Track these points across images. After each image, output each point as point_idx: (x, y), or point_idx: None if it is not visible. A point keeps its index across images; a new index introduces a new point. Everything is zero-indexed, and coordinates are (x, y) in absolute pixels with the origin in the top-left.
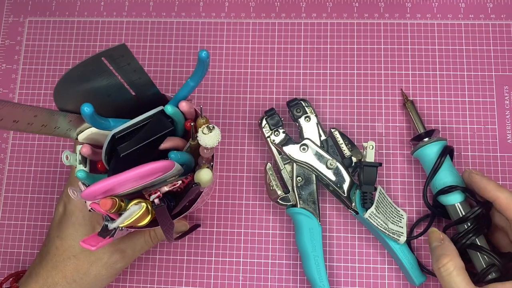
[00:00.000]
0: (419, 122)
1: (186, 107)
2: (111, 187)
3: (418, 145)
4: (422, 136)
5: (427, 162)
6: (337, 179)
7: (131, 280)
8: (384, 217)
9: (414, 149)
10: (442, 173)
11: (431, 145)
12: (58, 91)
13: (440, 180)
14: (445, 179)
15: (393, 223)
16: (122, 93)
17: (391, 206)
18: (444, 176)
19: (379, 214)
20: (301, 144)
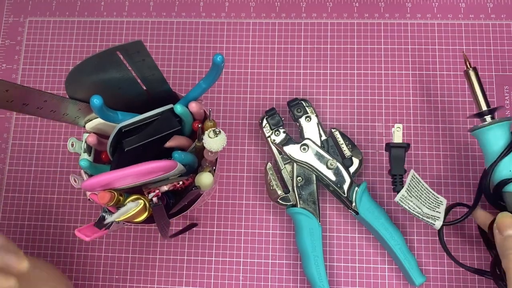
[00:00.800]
0: (482, 96)
1: (195, 108)
2: (111, 181)
3: (480, 125)
4: (484, 113)
5: (489, 145)
6: (337, 179)
7: (131, 280)
8: (419, 201)
9: (475, 127)
10: (508, 160)
11: (496, 126)
12: (70, 79)
13: (504, 168)
14: (509, 169)
15: (429, 208)
16: (133, 87)
17: (427, 192)
18: (510, 164)
19: (411, 198)
20: (302, 144)
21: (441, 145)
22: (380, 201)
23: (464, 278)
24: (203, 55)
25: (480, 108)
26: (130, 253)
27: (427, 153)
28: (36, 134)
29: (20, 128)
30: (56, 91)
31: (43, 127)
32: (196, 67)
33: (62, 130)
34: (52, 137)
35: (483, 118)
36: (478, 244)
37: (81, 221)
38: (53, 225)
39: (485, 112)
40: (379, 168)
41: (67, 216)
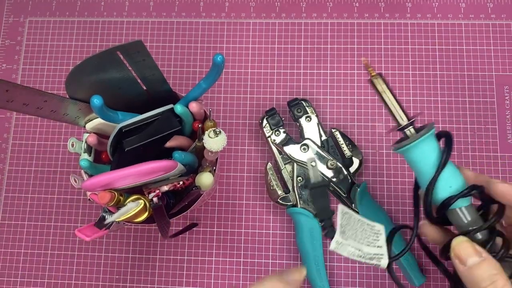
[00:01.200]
0: (398, 106)
1: (195, 108)
2: (111, 181)
3: (403, 143)
4: (404, 127)
5: (419, 163)
6: (338, 179)
7: (131, 280)
8: (356, 240)
9: (398, 146)
10: (447, 175)
11: (422, 141)
12: (70, 79)
13: (444, 185)
14: (451, 182)
15: (368, 244)
16: (133, 87)
17: (362, 224)
18: (450, 179)
19: (347, 240)
20: (302, 144)
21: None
22: (380, 201)
23: None
24: (203, 55)
25: (398, 121)
26: (130, 253)
27: None
28: (36, 134)
29: (20, 128)
30: (56, 91)
31: (43, 127)
32: (196, 67)
33: (62, 130)
34: (52, 137)
35: (403, 132)
36: None
37: (81, 221)
38: (53, 225)
39: (406, 125)
40: (379, 168)
41: (67, 216)
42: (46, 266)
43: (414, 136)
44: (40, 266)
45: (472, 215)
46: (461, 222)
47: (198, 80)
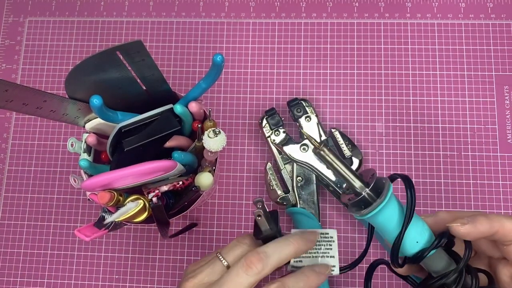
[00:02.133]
0: (348, 170)
1: (195, 108)
2: (111, 181)
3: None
4: (360, 191)
5: (384, 225)
6: (337, 179)
7: (131, 280)
8: (310, 258)
9: (361, 214)
10: (412, 233)
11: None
12: (70, 79)
13: (411, 242)
14: (418, 238)
15: (322, 256)
16: (133, 87)
17: None
18: (416, 236)
19: (301, 258)
20: (302, 144)
21: (441, 145)
22: None
23: None
24: (203, 55)
25: (353, 187)
26: (130, 253)
27: (427, 153)
28: (36, 134)
29: (20, 128)
30: (56, 91)
31: (43, 127)
32: (196, 67)
33: (62, 130)
34: (52, 137)
35: (360, 196)
36: None
37: (80, 221)
38: (53, 225)
39: (361, 188)
40: (379, 168)
41: (66, 216)
42: (46, 266)
43: (376, 203)
44: (40, 266)
45: (444, 259)
46: (435, 268)
47: (197, 80)
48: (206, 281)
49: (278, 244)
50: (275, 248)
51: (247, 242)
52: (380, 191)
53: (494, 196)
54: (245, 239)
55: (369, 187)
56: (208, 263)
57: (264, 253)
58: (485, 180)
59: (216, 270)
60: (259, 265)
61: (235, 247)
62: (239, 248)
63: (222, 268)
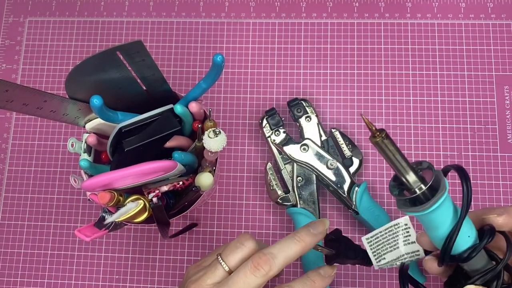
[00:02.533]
0: (405, 164)
1: (195, 108)
2: (111, 181)
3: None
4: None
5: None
6: (338, 179)
7: (131, 280)
8: (391, 251)
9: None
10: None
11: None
12: (70, 79)
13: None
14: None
15: (404, 243)
16: (133, 87)
17: (389, 231)
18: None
19: (384, 260)
20: (302, 144)
21: (441, 145)
22: (380, 201)
23: None
24: (203, 55)
25: (408, 182)
26: (130, 253)
27: (427, 153)
28: (36, 134)
29: (20, 128)
30: (56, 91)
31: (43, 127)
32: (196, 67)
33: (62, 130)
34: (52, 137)
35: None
36: None
37: (81, 221)
38: (53, 225)
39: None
40: (379, 168)
41: (67, 216)
42: (46, 266)
43: (432, 201)
44: (40, 266)
45: (485, 257)
46: (476, 266)
47: (198, 80)
48: (209, 282)
49: (284, 243)
50: (281, 248)
51: (249, 245)
52: (434, 187)
53: (494, 196)
54: (245, 241)
55: (426, 185)
56: (210, 266)
57: (271, 254)
58: (485, 180)
59: (218, 274)
60: (266, 267)
61: (236, 250)
62: (240, 252)
63: (223, 273)
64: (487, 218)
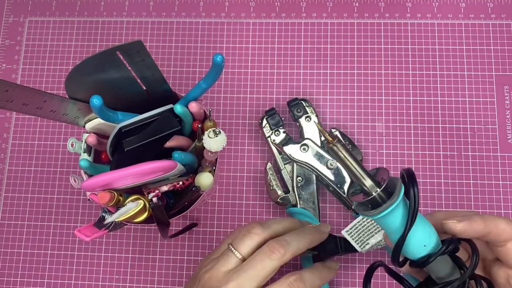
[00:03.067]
0: (360, 168)
1: (195, 108)
2: (111, 181)
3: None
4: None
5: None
6: (337, 179)
7: (131, 280)
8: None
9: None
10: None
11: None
12: (70, 79)
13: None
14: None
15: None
16: (133, 87)
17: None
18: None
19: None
20: (302, 144)
21: (441, 145)
22: None
23: None
24: (203, 55)
25: (363, 186)
26: (130, 253)
27: (427, 153)
28: (36, 134)
29: (20, 128)
30: (56, 91)
31: (43, 127)
32: (196, 67)
33: (62, 130)
34: (52, 137)
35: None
36: None
37: (81, 221)
38: (53, 225)
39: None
40: None
41: (67, 216)
42: (46, 266)
43: (385, 205)
44: (40, 266)
45: (449, 264)
46: (439, 274)
47: (198, 80)
48: (223, 270)
49: (296, 234)
50: (293, 237)
51: (257, 231)
52: (390, 191)
53: (494, 196)
54: (254, 228)
55: (380, 188)
56: (222, 255)
57: (285, 240)
58: (485, 180)
59: (231, 261)
60: (281, 250)
61: (245, 238)
62: (249, 239)
63: (236, 260)
64: (446, 223)
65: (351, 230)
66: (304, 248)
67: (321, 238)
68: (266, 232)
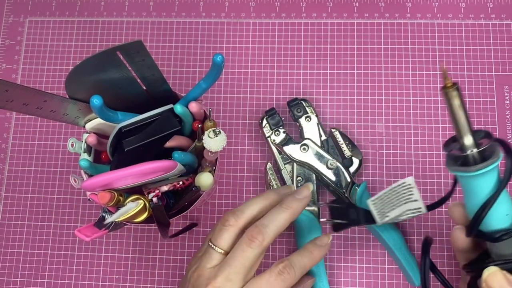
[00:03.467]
0: (466, 123)
1: (195, 108)
2: (111, 181)
3: (464, 169)
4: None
5: (477, 192)
6: (337, 179)
7: (131, 280)
8: (394, 209)
9: (457, 169)
10: (504, 204)
11: (486, 173)
12: (70, 79)
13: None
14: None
15: (405, 202)
16: (133, 87)
17: (393, 191)
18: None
19: (387, 212)
20: (302, 144)
21: (441, 145)
22: None
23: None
24: (203, 55)
25: (462, 142)
26: (130, 253)
27: (427, 153)
28: (36, 134)
29: (20, 128)
30: (56, 91)
31: (43, 127)
32: (196, 67)
33: (62, 130)
34: (52, 137)
35: (465, 153)
36: None
37: (81, 221)
38: (53, 225)
39: (470, 147)
40: (379, 168)
41: (67, 216)
42: (46, 266)
43: (481, 165)
44: (40, 266)
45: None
46: (504, 252)
47: (198, 80)
48: (208, 266)
49: (273, 213)
50: (271, 218)
51: (231, 223)
52: (487, 155)
53: None
54: (227, 220)
55: (478, 149)
56: (205, 253)
57: (262, 225)
58: None
59: (214, 257)
60: (260, 237)
61: (222, 232)
62: (226, 232)
63: (218, 255)
64: None
65: (376, 201)
66: (285, 225)
67: (302, 206)
68: (240, 220)
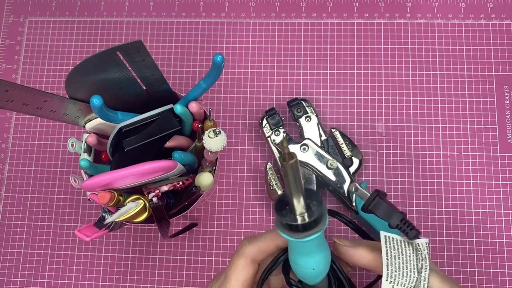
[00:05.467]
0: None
1: (195, 108)
2: (111, 181)
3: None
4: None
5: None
6: (338, 179)
7: (131, 280)
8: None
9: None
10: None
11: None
12: (70, 79)
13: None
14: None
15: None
16: (133, 87)
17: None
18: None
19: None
20: (302, 144)
21: (441, 145)
22: None
23: (464, 278)
24: (203, 55)
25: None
26: (130, 253)
27: (427, 153)
28: (36, 134)
29: (20, 128)
30: (56, 91)
31: (43, 127)
32: (196, 67)
33: (62, 130)
34: (52, 137)
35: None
36: None
37: (81, 221)
38: (53, 225)
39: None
40: (379, 168)
41: (67, 216)
42: (46, 266)
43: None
44: (40, 266)
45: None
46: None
47: (198, 80)
48: None
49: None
50: None
51: None
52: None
53: (494, 196)
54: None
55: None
56: None
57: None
58: (485, 180)
59: None
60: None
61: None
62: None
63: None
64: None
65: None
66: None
67: None
68: None
